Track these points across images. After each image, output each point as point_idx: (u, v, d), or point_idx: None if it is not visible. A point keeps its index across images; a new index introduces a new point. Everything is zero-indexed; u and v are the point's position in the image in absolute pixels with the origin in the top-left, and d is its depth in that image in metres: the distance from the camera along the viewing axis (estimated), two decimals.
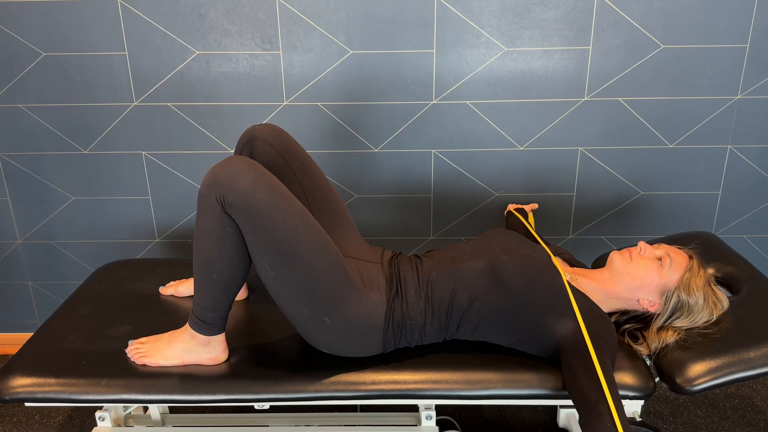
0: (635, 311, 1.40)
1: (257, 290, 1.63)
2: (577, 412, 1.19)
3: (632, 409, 1.57)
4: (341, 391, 1.31)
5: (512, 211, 1.75)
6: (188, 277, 1.67)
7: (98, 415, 1.48)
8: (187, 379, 1.32)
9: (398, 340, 1.34)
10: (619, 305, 1.41)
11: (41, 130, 1.95)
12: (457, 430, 1.84)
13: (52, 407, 1.96)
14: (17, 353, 1.40)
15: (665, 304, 1.36)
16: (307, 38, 1.82)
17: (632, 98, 1.87)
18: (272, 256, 1.23)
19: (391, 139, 1.94)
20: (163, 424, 1.63)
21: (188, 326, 1.33)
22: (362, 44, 1.82)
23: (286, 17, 1.80)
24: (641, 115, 1.89)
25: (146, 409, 1.73)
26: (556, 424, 1.86)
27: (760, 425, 1.87)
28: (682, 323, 1.36)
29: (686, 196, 2.00)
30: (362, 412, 1.84)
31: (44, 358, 1.38)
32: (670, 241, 1.67)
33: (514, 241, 1.43)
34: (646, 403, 1.95)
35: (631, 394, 1.30)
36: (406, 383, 1.32)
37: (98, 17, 1.81)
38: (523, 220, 1.69)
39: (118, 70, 1.87)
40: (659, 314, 1.37)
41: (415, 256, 1.45)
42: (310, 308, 1.27)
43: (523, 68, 1.84)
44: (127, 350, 1.38)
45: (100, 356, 1.38)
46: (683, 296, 1.34)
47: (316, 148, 1.95)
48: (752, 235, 2.06)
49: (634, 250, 1.40)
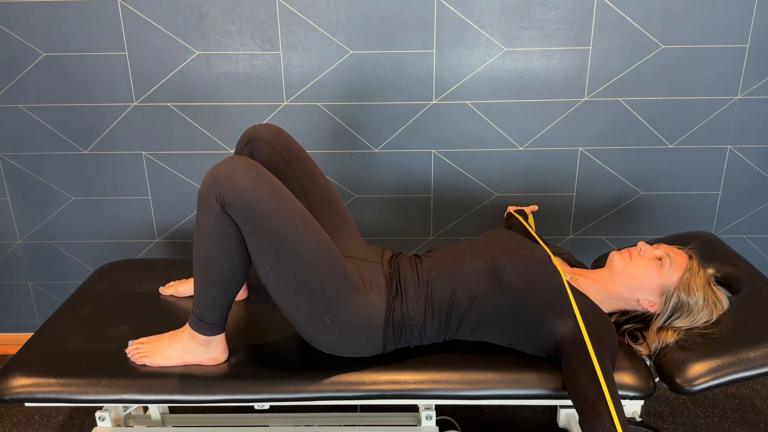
0: (635, 311, 1.40)
1: (257, 290, 1.63)
2: (576, 412, 1.19)
3: (632, 409, 1.57)
4: (341, 391, 1.31)
5: (512, 212, 1.75)
6: (188, 277, 1.67)
7: (98, 415, 1.48)
8: (187, 379, 1.32)
9: (398, 340, 1.34)
10: (619, 305, 1.41)
11: (41, 130, 1.95)
12: (457, 430, 1.84)
13: (52, 407, 1.96)
14: (17, 353, 1.40)
15: (665, 304, 1.36)
16: (307, 38, 1.82)
17: (632, 98, 1.87)
18: (272, 256, 1.23)
19: (391, 139, 1.94)
20: (163, 424, 1.63)
21: (188, 326, 1.33)
22: (362, 44, 1.82)
23: (286, 17, 1.80)
24: (641, 115, 1.89)
25: (146, 409, 1.73)
26: (556, 424, 1.86)
27: (760, 425, 1.87)
28: (682, 323, 1.36)
29: (686, 196, 2.00)
30: (362, 412, 1.84)
31: (44, 358, 1.38)
32: (670, 241, 1.67)
33: (514, 241, 1.43)
34: (646, 403, 1.95)
35: (631, 394, 1.30)
36: (406, 383, 1.32)
37: (98, 17, 1.81)
38: (523, 221, 1.69)
39: (118, 70, 1.87)
40: (659, 314, 1.37)
41: (415, 256, 1.45)
42: (310, 308, 1.27)
43: (523, 68, 1.84)
44: (127, 350, 1.38)
45: (100, 356, 1.38)
46: (683, 296, 1.34)
47: (316, 148, 1.95)
48: (752, 235, 2.06)
49: (633, 250, 1.40)
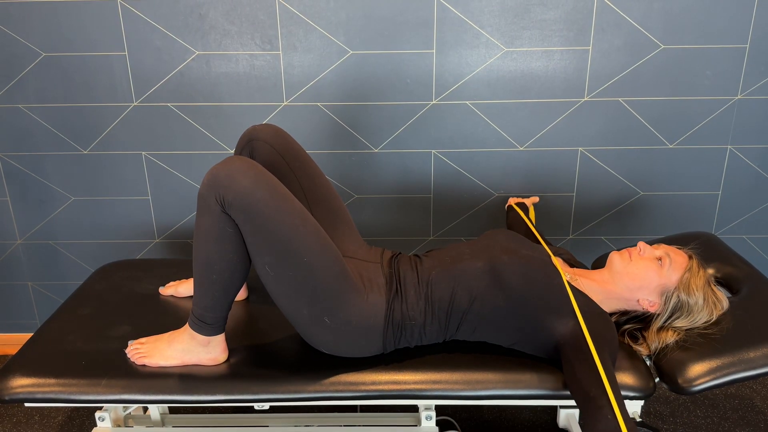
0: (635, 311, 1.40)
1: (257, 290, 1.63)
2: (578, 408, 1.19)
3: (632, 409, 1.56)
4: (341, 391, 1.31)
5: (513, 205, 1.74)
6: (188, 277, 1.67)
7: (98, 415, 1.48)
8: (186, 379, 1.32)
9: (398, 340, 1.34)
10: (618, 305, 1.40)
11: (41, 130, 1.95)
12: (457, 430, 1.84)
13: (52, 407, 1.96)
14: (17, 353, 1.40)
15: (665, 304, 1.36)
16: (307, 38, 1.82)
17: (632, 98, 1.87)
18: (272, 256, 1.23)
19: (391, 139, 1.94)
20: (162, 424, 1.63)
21: (188, 326, 1.33)
22: (362, 44, 1.82)
23: (286, 17, 1.80)
24: (641, 115, 1.89)
25: (146, 409, 1.73)
26: (556, 424, 1.86)
27: (760, 425, 1.87)
28: (681, 323, 1.36)
29: (686, 196, 2.00)
30: (362, 412, 1.84)
31: (44, 358, 1.38)
32: (669, 241, 1.67)
33: (514, 241, 1.43)
34: (646, 403, 1.95)
35: (631, 394, 1.30)
36: (406, 383, 1.32)
37: (98, 17, 1.81)
38: (523, 216, 1.69)
39: (118, 70, 1.87)
40: (659, 314, 1.37)
41: (415, 256, 1.45)
42: (309, 308, 1.27)
43: (523, 68, 1.84)
44: (126, 350, 1.38)
45: (99, 356, 1.38)
46: (683, 296, 1.34)
47: (316, 148, 1.95)
48: (752, 235, 2.06)
49: (633, 250, 1.40)
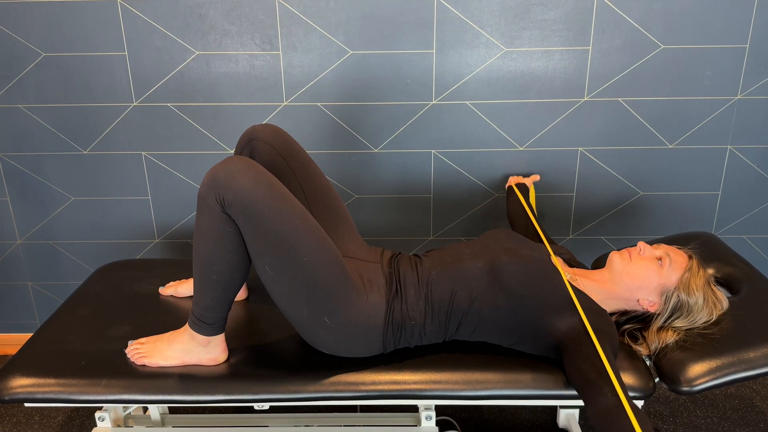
0: (635, 311, 1.40)
1: (257, 290, 1.63)
2: (580, 397, 1.19)
3: None
4: (341, 391, 1.31)
5: (513, 186, 1.74)
6: (188, 277, 1.67)
7: (98, 415, 1.48)
8: (186, 379, 1.32)
9: (398, 340, 1.34)
10: (618, 305, 1.41)
11: (41, 130, 1.95)
12: (457, 430, 1.84)
13: (52, 407, 1.96)
14: (17, 353, 1.40)
15: (665, 304, 1.36)
16: (307, 38, 1.82)
17: (632, 98, 1.87)
18: (272, 256, 1.23)
19: (391, 139, 1.94)
20: (162, 424, 1.63)
21: (188, 326, 1.33)
22: (362, 44, 1.82)
23: (286, 17, 1.80)
24: (641, 115, 1.89)
25: (146, 409, 1.73)
26: (556, 424, 1.86)
27: (760, 425, 1.87)
28: (681, 323, 1.36)
29: (686, 196, 2.00)
30: (362, 412, 1.84)
31: (44, 358, 1.38)
32: (669, 241, 1.67)
33: (514, 241, 1.43)
34: (646, 403, 1.95)
35: (631, 394, 1.30)
36: (406, 383, 1.32)
37: (98, 17, 1.81)
38: (523, 201, 1.69)
39: (118, 70, 1.87)
40: (659, 314, 1.37)
41: (414, 256, 1.45)
42: (309, 308, 1.27)
43: (522, 68, 1.84)
44: (126, 351, 1.38)
45: (99, 356, 1.38)
46: (683, 296, 1.34)
47: (316, 148, 1.95)
48: (752, 235, 2.06)
49: (633, 250, 1.40)
